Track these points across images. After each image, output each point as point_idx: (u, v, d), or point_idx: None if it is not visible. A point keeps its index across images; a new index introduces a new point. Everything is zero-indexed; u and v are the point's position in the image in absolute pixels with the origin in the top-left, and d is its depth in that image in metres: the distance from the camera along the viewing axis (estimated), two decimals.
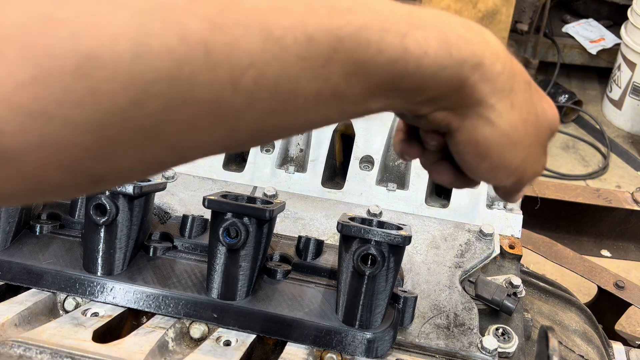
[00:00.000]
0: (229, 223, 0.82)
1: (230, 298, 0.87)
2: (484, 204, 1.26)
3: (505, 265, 1.15)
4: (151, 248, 0.94)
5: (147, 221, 0.95)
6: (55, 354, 0.76)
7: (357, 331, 0.83)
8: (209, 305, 0.86)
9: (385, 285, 0.83)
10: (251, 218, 0.83)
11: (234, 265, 0.85)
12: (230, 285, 0.86)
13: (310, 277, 0.93)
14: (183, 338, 0.89)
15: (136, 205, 0.89)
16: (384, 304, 0.84)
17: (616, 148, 3.89)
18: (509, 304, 1.01)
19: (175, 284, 0.89)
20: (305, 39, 0.38)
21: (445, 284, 1.04)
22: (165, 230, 1.00)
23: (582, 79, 4.45)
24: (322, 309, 0.86)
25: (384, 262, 0.80)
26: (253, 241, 0.85)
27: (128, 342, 0.80)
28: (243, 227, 0.82)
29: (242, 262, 0.85)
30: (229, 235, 0.83)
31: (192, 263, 0.94)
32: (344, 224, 0.80)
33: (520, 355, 0.96)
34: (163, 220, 1.03)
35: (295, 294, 0.89)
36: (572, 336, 1.25)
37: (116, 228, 0.87)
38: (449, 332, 0.96)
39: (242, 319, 0.86)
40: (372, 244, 0.79)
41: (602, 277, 1.53)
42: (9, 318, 0.84)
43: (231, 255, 0.85)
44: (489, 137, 0.54)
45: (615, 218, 1.73)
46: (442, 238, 1.14)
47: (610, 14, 4.31)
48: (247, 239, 0.83)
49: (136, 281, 0.89)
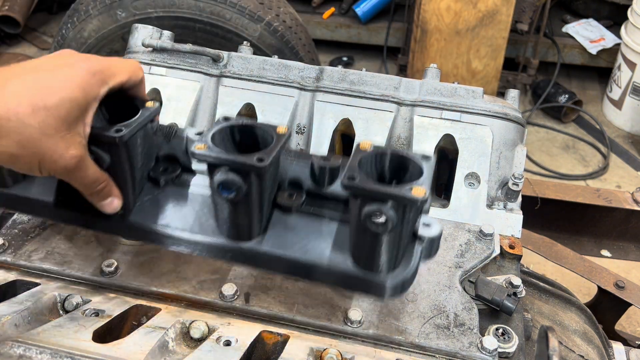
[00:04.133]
0: (222, 180, 0.75)
1: (242, 239, 0.82)
2: (484, 204, 1.26)
3: (505, 265, 1.15)
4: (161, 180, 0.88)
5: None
6: (55, 354, 0.76)
7: (372, 275, 0.78)
8: (221, 248, 0.83)
9: (399, 237, 0.75)
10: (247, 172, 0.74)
11: (239, 213, 0.79)
12: (239, 228, 0.81)
13: (324, 208, 0.84)
14: (183, 338, 0.89)
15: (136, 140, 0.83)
16: (399, 250, 0.77)
17: (616, 148, 3.89)
18: (509, 304, 1.01)
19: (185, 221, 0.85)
20: None
21: (445, 284, 1.04)
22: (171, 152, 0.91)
23: (582, 79, 4.45)
24: (336, 250, 0.80)
25: (396, 221, 0.71)
26: (255, 191, 0.77)
27: (128, 342, 0.80)
28: (239, 181, 0.74)
29: (245, 210, 0.79)
30: (227, 189, 0.76)
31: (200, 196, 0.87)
32: (347, 184, 0.71)
33: (520, 355, 0.96)
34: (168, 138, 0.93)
35: (309, 231, 0.82)
36: (572, 336, 1.25)
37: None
38: (449, 332, 0.96)
39: (255, 261, 0.83)
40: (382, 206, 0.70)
41: (602, 277, 1.53)
42: (9, 318, 0.84)
43: (233, 205, 0.79)
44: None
45: (616, 218, 1.73)
46: (442, 238, 1.14)
47: (611, 14, 4.31)
48: (247, 191, 0.76)
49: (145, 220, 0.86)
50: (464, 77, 3.71)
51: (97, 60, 0.79)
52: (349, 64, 4.51)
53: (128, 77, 0.82)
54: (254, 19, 2.48)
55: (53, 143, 0.73)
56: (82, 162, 0.77)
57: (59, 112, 0.73)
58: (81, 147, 0.77)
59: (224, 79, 1.44)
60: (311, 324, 0.96)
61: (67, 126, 0.74)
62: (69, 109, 0.74)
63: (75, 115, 0.75)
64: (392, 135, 1.36)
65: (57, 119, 0.73)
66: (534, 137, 3.91)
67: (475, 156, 1.30)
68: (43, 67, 0.76)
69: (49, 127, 0.72)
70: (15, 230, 1.11)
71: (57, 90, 0.73)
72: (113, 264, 1.03)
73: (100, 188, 0.82)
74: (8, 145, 0.71)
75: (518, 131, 1.37)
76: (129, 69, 0.83)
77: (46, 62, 0.77)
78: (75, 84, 0.75)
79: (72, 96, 0.74)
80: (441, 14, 3.50)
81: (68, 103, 0.73)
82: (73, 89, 0.74)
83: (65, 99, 0.73)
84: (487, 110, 1.34)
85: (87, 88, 0.76)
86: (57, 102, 0.73)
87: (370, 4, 4.30)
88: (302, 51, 2.65)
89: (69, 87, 0.74)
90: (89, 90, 0.76)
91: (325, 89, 1.40)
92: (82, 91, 0.75)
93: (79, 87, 0.75)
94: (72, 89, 0.74)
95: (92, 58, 0.79)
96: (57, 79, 0.74)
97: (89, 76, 0.76)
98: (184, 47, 1.47)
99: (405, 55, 4.15)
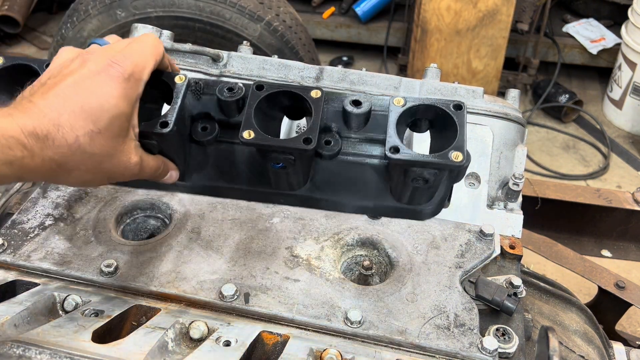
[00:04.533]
0: (272, 159, 0.82)
1: (291, 189, 0.90)
2: (484, 204, 1.26)
3: (506, 265, 1.15)
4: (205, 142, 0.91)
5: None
6: (55, 354, 0.76)
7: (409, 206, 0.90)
8: (274, 194, 0.92)
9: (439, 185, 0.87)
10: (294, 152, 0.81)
11: (288, 175, 0.87)
12: (288, 184, 0.89)
13: (361, 151, 0.89)
14: (183, 338, 0.89)
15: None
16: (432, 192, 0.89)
17: (617, 148, 3.89)
18: (509, 304, 1.00)
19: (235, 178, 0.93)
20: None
21: (445, 284, 1.04)
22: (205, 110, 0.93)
23: (583, 78, 4.45)
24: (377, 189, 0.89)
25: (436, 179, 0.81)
26: (303, 162, 0.85)
27: (127, 343, 0.80)
28: (289, 158, 0.82)
29: (293, 174, 0.87)
30: (276, 164, 0.83)
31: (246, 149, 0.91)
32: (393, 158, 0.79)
33: (520, 356, 0.96)
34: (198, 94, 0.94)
35: (350, 175, 0.89)
36: (573, 336, 1.25)
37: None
38: (450, 333, 0.95)
39: (306, 204, 0.92)
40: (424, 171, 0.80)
41: (602, 277, 1.53)
42: (8, 318, 0.83)
43: (282, 169, 0.86)
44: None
45: (616, 218, 1.73)
46: (443, 238, 1.14)
47: (611, 13, 4.31)
48: (294, 164, 0.83)
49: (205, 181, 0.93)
50: (464, 77, 3.70)
51: (124, 60, 0.77)
52: (349, 63, 4.51)
53: (155, 62, 0.82)
54: (254, 18, 2.48)
55: (116, 160, 0.77)
56: (143, 162, 0.82)
57: (113, 131, 0.75)
58: (138, 150, 0.81)
59: (224, 78, 1.44)
60: (311, 324, 0.96)
61: (123, 139, 0.77)
62: (120, 125, 0.76)
63: (126, 126, 0.77)
64: None
65: (112, 138, 0.75)
66: (534, 137, 3.91)
67: (476, 156, 1.30)
68: (80, 88, 0.74)
69: (109, 148, 0.75)
70: (14, 231, 1.11)
71: (105, 111, 0.73)
72: (112, 264, 1.03)
73: (160, 171, 0.87)
74: (78, 176, 0.76)
75: (518, 131, 1.36)
76: (152, 52, 0.82)
77: (79, 79, 0.75)
78: (117, 96, 0.75)
79: (120, 111, 0.75)
80: (441, 14, 3.50)
81: (117, 119, 0.75)
82: (117, 103, 0.74)
83: (114, 117, 0.74)
84: (487, 110, 1.34)
85: (128, 95, 0.76)
86: (108, 123, 0.74)
87: (370, 4, 4.30)
88: (302, 51, 2.64)
89: (113, 103, 0.74)
90: (130, 95, 0.77)
91: (325, 88, 1.39)
92: (125, 100, 0.76)
93: (121, 98, 0.75)
94: (116, 104, 0.74)
95: (116, 57, 0.77)
96: (100, 98, 0.74)
97: (125, 83, 0.76)
98: (184, 47, 1.46)
99: (406, 55, 4.15)
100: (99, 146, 0.74)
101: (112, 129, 0.74)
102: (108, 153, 0.75)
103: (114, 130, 0.75)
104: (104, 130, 0.73)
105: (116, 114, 0.74)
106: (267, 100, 0.85)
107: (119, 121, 0.75)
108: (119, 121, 0.75)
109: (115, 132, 0.75)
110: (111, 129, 0.74)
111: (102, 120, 0.73)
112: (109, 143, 0.75)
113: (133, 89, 0.77)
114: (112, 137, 0.75)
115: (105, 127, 0.73)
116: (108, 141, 0.75)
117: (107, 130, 0.74)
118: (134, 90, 0.77)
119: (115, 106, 0.74)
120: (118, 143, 0.76)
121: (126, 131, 0.78)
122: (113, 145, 0.76)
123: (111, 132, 0.74)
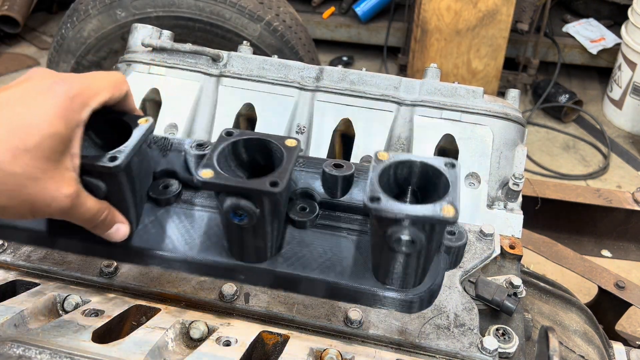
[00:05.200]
0: (234, 207, 0.70)
1: (256, 261, 0.78)
2: (484, 204, 1.26)
3: (506, 265, 1.15)
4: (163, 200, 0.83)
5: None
6: (55, 354, 0.76)
7: (393, 292, 0.75)
8: (233, 269, 0.79)
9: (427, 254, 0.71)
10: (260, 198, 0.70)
11: (252, 237, 0.75)
12: (252, 250, 0.77)
13: (340, 220, 0.81)
14: (183, 338, 0.89)
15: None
16: (423, 268, 0.74)
17: (617, 148, 3.89)
18: (509, 304, 1.00)
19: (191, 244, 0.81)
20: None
21: (445, 284, 1.04)
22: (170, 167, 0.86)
23: (583, 78, 4.45)
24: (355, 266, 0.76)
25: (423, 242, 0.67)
26: (269, 214, 0.72)
27: (127, 343, 0.80)
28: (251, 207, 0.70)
29: (259, 233, 0.75)
30: (238, 216, 0.71)
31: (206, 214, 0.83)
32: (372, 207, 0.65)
33: (520, 356, 0.96)
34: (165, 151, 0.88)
35: (325, 247, 0.78)
36: (573, 336, 1.25)
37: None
38: (450, 333, 0.95)
39: (271, 280, 0.79)
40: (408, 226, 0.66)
41: (602, 277, 1.53)
42: (8, 318, 0.83)
43: (246, 230, 0.74)
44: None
45: (616, 218, 1.73)
46: None
47: (611, 13, 4.31)
48: (260, 216, 0.71)
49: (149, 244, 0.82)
50: (464, 76, 3.70)
51: (74, 81, 0.71)
52: (349, 63, 4.51)
53: (111, 94, 0.75)
54: (254, 18, 2.48)
55: (42, 187, 0.67)
56: (78, 199, 0.71)
57: (43, 151, 0.66)
58: (73, 183, 0.71)
59: (224, 78, 1.44)
60: (311, 324, 0.96)
61: (54, 164, 0.68)
62: (52, 146, 0.67)
63: (61, 149, 0.68)
64: (392, 135, 1.35)
65: (41, 159, 0.66)
66: (534, 137, 3.91)
67: (476, 156, 1.30)
68: (16, 101, 0.68)
69: (35, 170, 0.66)
70: None
71: (36, 127, 0.66)
72: (112, 264, 1.03)
73: (102, 219, 0.76)
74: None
75: (518, 131, 1.36)
76: (110, 84, 0.75)
77: (18, 92, 0.69)
78: (54, 115, 0.67)
79: (53, 130, 0.67)
80: (441, 14, 3.50)
81: (50, 139, 0.67)
82: (52, 121, 0.67)
83: (46, 136, 0.66)
84: (487, 110, 1.34)
85: (68, 116, 0.69)
86: (38, 141, 0.66)
87: (370, 4, 4.30)
88: (302, 51, 2.65)
89: (48, 121, 0.67)
90: (71, 118, 0.69)
91: (325, 88, 1.39)
92: (63, 121, 0.68)
93: (58, 118, 0.68)
94: (51, 122, 0.67)
95: (68, 78, 0.71)
96: (34, 113, 0.67)
97: (68, 102, 0.69)
98: (184, 47, 1.46)
99: (406, 55, 4.15)
100: (22, 165, 0.65)
101: (41, 149, 0.66)
102: (33, 176, 0.66)
103: (44, 150, 0.66)
104: (32, 149, 0.65)
105: (49, 133, 0.66)
106: (234, 147, 0.76)
107: (52, 142, 0.67)
108: (51, 141, 0.67)
109: (46, 153, 0.66)
110: (41, 148, 0.66)
111: (31, 138, 0.65)
112: (35, 164, 0.66)
113: (76, 111, 0.70)
114: (39, 158, 0.66)
115: (34, 145, 0.65)
116: (34, 162, 0.66)
117: (36, 149, 0.66)
118: (77, 113, 0.70)
119: (49, 124, 0.67)
120: (47, 167, 0.67)
121: (59, 155, 0.68)
122: (40, 167, 0.66)
123: (40, 152, 0.66)
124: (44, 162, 0.67)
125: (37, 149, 0.66)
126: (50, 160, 0.67)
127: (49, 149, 0.67)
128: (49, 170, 0.67)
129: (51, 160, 0.67)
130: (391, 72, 4.34)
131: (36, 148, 0.66)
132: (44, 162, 0.66)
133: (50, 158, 0.67)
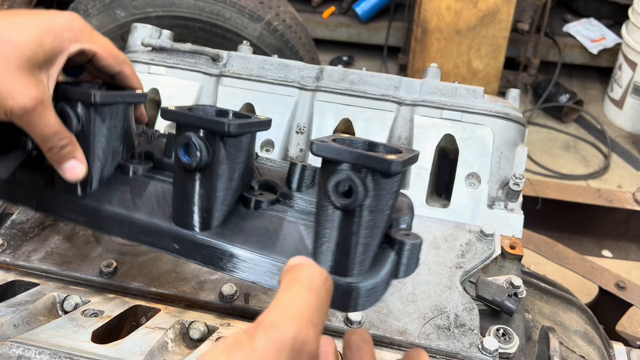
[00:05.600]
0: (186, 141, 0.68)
1: (198, 228, 0.73)
2: (484, 204, 1.26)
3: (506, 265, 1.15)
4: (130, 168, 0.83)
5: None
6: (55, 354, 0.76)
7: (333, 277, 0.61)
8: (169, 234, 0.75)
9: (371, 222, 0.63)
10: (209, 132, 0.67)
11: (194, 189, 0.71)
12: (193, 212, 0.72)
13: (295, 211, 0.78)
14: (182, 339, 0.89)
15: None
16: (368, 247, 0.65)
17: (617, 148, 3.89)
18: (509, 305, 1.00)
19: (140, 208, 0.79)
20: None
21: (445, 285, 1.04)
22: (148, 150, 0.88)
23: (583, 78, 4.45)
24: (297, 247, 0.70)
25: (365, 193, 0.61)
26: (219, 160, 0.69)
27: (127, 343, 0.80)
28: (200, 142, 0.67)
29: (203, 186, 0.71)
30: (188, 153, 0.68)
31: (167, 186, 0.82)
32: (317, 142, 0.61)
33: (521, 356, 0.96)
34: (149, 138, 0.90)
35: (270, 228, 0.74)
36: (573, 337, 1.25)
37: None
38: (450, 333, 0.95)
39: (204, 253, 0.73)
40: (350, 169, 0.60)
41: (603, 278, 1.53)
42: (8, 318, 0.83)
43: (189, 176, 0.70)
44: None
45: (617, 218, 1.73)
46: (443, 238, 1.14)
47: (611, 13, 4.31)
48: (209, 158, 0.68)
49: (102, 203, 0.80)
50: (465, 76, 3.70)
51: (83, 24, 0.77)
52: (349, 63, 4.51)
53: (107, 54, 0.79)
54: (254, 18, 2.48)
55: (13, 79, 0.70)
56: (42, 106, 0.72)
57: (24, 50, 0.70)
58: (43, 91, 0.73)
59: (224, 78, 1.44)
60: None
61: (30, 68, 0.71)
62: (34, 50, 0.71)
63: (40, 60, 0.72)
64: (393, 135, 1.35)
65: (20, 56, 0.70)
66: (534, 137, 3.91)
67: (476, 156, 1.30)
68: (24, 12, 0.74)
69: (11, 62, 0.70)
70: (14, 231, 1.11)
71: (27, 30, 0.71)
72: (112, 264, 1.03)
73: (62, 144, 0.75)
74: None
75: (519, 131, 1.36)
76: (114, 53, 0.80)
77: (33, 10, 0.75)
78: (46, 30, 0.73)
79: (40, 39, 0.72)
80: (442, 14, 3.50)
81: (34, 44, 0.71)
82: (43, 33, 0.72)
83: (32, 40, 0.71)
84: (487, 110, 1.34)
85: (58, 37, 0.74)
86: (24, 40, 0.70)
87: (371, 3, 4.30)
88: (302, 50, 2.64)
89: (40, 31, 0.72)
90: (60, 40, 0.74)
91: (325, 88, 1.39)
92: (52, 38, 0.73)
93: (49, 34, 0.73)
94: (42, 33, 0.72)
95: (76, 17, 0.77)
96: (31, 21, 0.73)
97: (64, 29, 0.74)
98: (184, 47, 1.46)
99: (406, 55, 4.15)
100: (1, 52, 0.69)
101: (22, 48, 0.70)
102: (6, 67, 0.69)
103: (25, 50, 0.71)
104: (15, 43, 0.70)
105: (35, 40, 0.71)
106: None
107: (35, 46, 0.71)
108: (34, 46, 0.71)
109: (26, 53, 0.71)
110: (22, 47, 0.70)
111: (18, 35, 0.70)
112: (13, 57, 0.69)
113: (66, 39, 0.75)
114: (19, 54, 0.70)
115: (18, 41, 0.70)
116: (13, 55, 0.69)
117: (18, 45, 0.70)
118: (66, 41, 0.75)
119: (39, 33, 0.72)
120: (24, 66, 0.71)
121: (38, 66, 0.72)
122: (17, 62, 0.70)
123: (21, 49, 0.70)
124: (22, 59, 0.70)
125: (19, 45, 0.70)
126: (28, 62, 0.70)
127: (30, 51, 0.70)
128: (24, 69, 0.70)
129: (29, 64, 0.70)
130: (391, 71, 4.34)
131: (20, 46, 0.69)
132: (22, 60, 0.70)
133: (28, 61, 0.70)
